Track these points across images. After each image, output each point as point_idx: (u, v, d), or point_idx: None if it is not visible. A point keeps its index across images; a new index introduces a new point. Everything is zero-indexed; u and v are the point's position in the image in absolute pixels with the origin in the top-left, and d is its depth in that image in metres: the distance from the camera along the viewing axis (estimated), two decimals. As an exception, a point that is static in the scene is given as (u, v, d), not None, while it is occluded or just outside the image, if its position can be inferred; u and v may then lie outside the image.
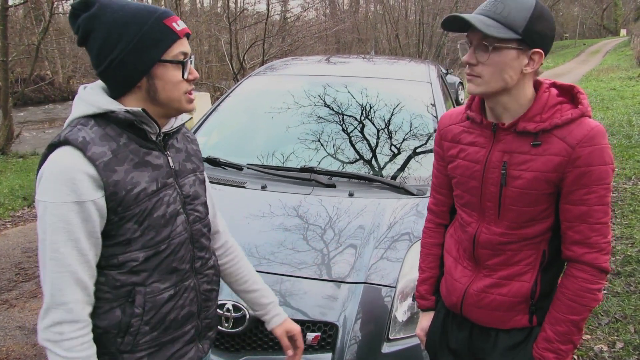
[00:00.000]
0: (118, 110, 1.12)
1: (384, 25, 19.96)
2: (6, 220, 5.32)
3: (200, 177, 1.36)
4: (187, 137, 1.38)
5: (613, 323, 3.11)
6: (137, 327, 1.17)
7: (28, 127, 12.65)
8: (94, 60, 1.15)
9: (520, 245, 1.35)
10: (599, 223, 1.26)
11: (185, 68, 1.18)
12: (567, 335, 1.31)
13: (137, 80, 1.14)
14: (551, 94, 1.30)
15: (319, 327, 1.83)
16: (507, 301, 1.38)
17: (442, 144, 1.51)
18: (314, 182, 2.52)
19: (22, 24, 13.91)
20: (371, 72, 3.69)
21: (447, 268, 1.54)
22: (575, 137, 1.23)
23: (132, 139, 1.16)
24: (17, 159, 8.96)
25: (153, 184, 1.17)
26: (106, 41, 1.11)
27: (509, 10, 1.21)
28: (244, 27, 13.87)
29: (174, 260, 1.23)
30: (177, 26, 1.16)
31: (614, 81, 16.48)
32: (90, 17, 1.12)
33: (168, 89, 1.16)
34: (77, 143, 1.08)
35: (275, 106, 3.16)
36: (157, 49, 1.13)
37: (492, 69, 1.24)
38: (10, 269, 4.04)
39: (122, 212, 1.12)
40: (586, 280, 1.28)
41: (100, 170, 1.08)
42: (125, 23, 1.11)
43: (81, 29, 1.13)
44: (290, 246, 2.10)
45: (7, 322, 3.25)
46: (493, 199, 1.35)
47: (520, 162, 1.29)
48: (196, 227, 1.30)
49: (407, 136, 2.91)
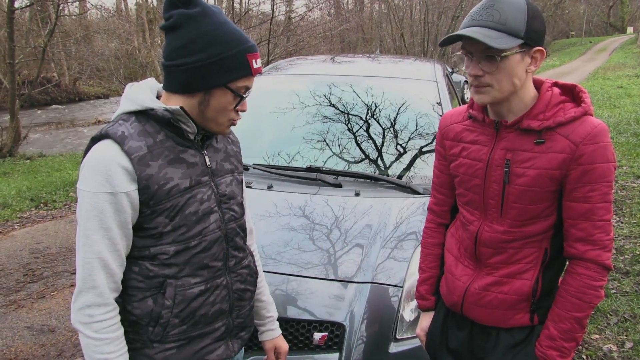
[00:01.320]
0: (157, 108, 1.18)
1: (389, 24, 19.94)
2: (14, 221, 5.35)
3: (238, 177, 1.39)
4: (229, 138, 1.41)
5: (622, 322, 3.09)
6: (167, 318, 1.21)
7: (35, 129, 12.73)
8: (168, 52, 1.19)
9: (522, 243, 1.35)
10: (602, 220, 1.26)
11: (241, 101, 1.23)
12: (570, 333, 1.31)
13: (195, 91, 1.19)
14: (554, 92, 1.31)
15: (326, 327, 1.82)
16: (508, 299, 1.38)
17: (443, 143, 1.51)
18: (320, 182, 2.51)
19: (28, 27, 13.99)
20: (377, 71, 3.67)
21: (448, 267, 1.54)
22: (579, 134, 1.24)
23: (170, 137, 1.21)
24: (24, 160, 9.03)
25: (186, 180, 1.21)
26: (189, 44, 1.15)
27: (506, 16, 1.21)
28: (248, 27, 13.89)
29: (206, 257, 1.26)
30: (256, 64, 1.21)
31: (621, 79, 16.37)
32: (190, 16, 1.15)
33: (217, 111, 1.22)
34: (116, 137, 1.14)
35: (281, 106, 3.16)
36: (228, 76, 1.18)
37: (501, 76, 1.25)
38: (19, 270, 4.06)
39: (154, 205, 1.16)
40: (590, 277, 1.28)
41: (134, 163, 1.13)
42: (215, 38, 1.15)
43: (174, 20, 1.16)
44: (296, 246, 2.10)
45: (16, 323, 3.27)
46: (496, 197, 1.36)
47: (524, 159, 1.30)
48: (231, 226, 1.33)
49: (413, 135, 2.90)
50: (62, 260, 4.26)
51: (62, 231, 4.97)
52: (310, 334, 1.82)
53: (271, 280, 1.93)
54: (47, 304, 3.52)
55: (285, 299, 1.89)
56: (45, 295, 3.65)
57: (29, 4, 11.10)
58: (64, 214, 5.59)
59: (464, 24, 1.28)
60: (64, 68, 19.50)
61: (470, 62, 1.28)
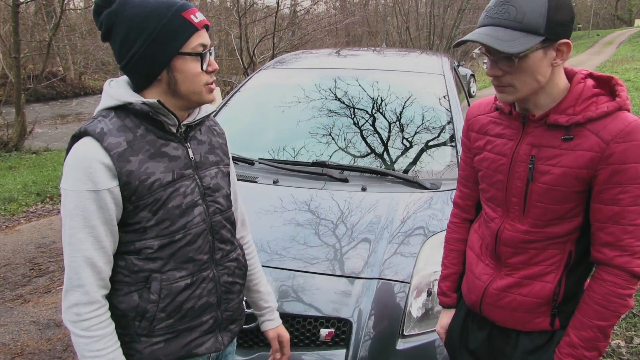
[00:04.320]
0: (135, 102, 1.16)
1: (394, 17, 19.80)
2: (20, 215, 5.37)
3: (224, 170, 1.38)
4: (213, 130, 1.40)
5: (630, 318, 3.06)
6: (153, 313, 1.20)
7: (41, 124, 12.76)
8: (117, 55, 1.19)
9: (545, 244, 1.28)
10: (632, 225, 1.17)
11: (204, 60, 1.19)
12: (592, 342, 1.23)
13: (158, 73, 1.17)
14: (587, 85, 1.22)
15: (333, 324, 1.81)
16: (527, 302, 1.32)
17: (469, 134, 1.45)
18: (326, 177, 2.49)
19: (33, 21, 13.99)
20: (382, 65, 3.64)
21: (469, 265, 1.49)
22: (610, 132, 1.15)
23: (150, 130, 1.19)
24: (30, 154, 9.05)
25: (169, 174, 1.20)
26: (127, 36, 1.14)
27: (523, 12, 1.13)
28: (253, 21, 13.83)
29: (191, 250, 1.24)
30: (196, 18, 1.17)
31: (629, 72, 16.20)
32: (112, 12, 1.15)
33: (187, 81, 1.18)
34: (95, 134, 1.13)
35: (286, 100, 3.14)
36: (176, 42, 1.15)
37: (523, 76, 1.18)
38: (25, 264, 4.07)
39: (136, 201, 1.15)
40: (616, 284, 1.19)
41: (114, 160, 1.12)
42: (144, 17, 1.14)
43: (104, 25, 1.17)
44: (302, 241, 2.08)
45: (22, 317, 3.28)
46: (519, 194, 1.29)
47: (550, 156, 1.22)
48: (216, 219, 1.31)
49: (419, 129, 2.87)
50: (68, 254, 4.27)
51: (68, 225, 4.98)
52: (316, 330, 1.81)
53: (277, 275, 1.92)
54: (53, 298, 3.52)
55: (291, 294, 1.87)
56: (51, 289, 3.65)
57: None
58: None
59: (480, 21, 1.21)
60: (70, 62, 19.52)
61: (489, 61, 1.21)
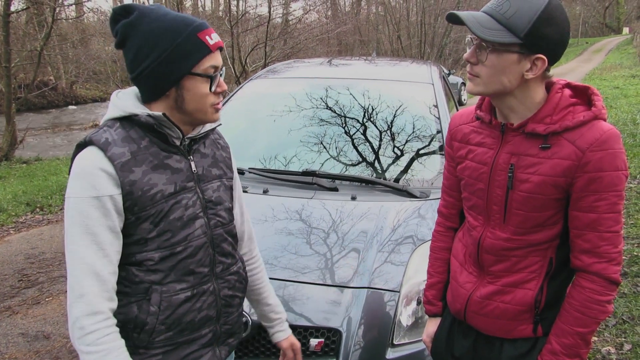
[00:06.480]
0: (141, 114, 1.17)
1: (386, 26, 19.96)
2: (9, 226, 5.32)
3: (227, 183, 1.37)
4: (217, 143, 1.40)
5: (620, 324, 3.07)
6: (152, 325, 1.19)
7: (31, 133, 12.68)
8: (129, 66, 1.19)
9: (526, 252, 1.29)
10: (609, 232, 1.19)
11: (214, 81, 1.20)
12: (573, 349, 1.24)
13: (167, 90, 1.18)
14: (564, 94, 1.24)
15: (323, 333, 1.81)
16: (510, 309, 1.33)
17: (452, 144, 1.46)
18: (316, 186, 2.50)
19: (24, 30, 13.96)
20: (373, 74, 3.66)
21: (453, 273, 1.50)
22: (586, 140, 1.17)
23: (154, 142, 1.20)
24: (20, 164, 8.99)
25: (171, 186, 1.20)
26: (141, 49, 1.15)
27: (514, 10, 1.14)
28: (245, 30, 13.89)
29: (192, 263, 1.24)
30: (211, 40, 1.18)
31: (617, 80, 16.40)
32: (129, 24, 1.16)
33: (195, 101, 1.19)
34: (100, 143, 1.14)
35: (277, 109, 3.14)
36: (188, 62, 1.16)
37: (489, 70, 1.20)
38: (13, 275, 4.03)
39: (139, 212, 1.15)
40: (595, 291, 1.21)
41: (117, 169, 1.12)
42: (160, 34, 1.14)
43: (119, 34, 1.18)
44: (292, 251, 2.08)
45: (10, 329, 3.24)
46: (499, 202, 1.30)
47: (528, 165, 1.24)
48: (217, 232, 1.31)
49: (409, 138, 2.89)
50: (58, 265, 4.23)
51: (58, 236, 4.94)
52: (306, 340, 1.80)
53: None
54: (42, 309, 3.49)
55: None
56: (41, 301, 3.62)
57: (26, 7, 11.07)
58: (60, 219, 5.56)
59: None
60: (61, 71, 19.44)
61: (471, 46, 1.23)
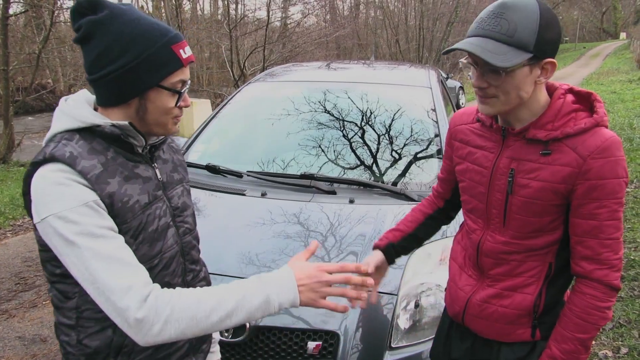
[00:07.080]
0: (104, 125, 1.08)
1: (384, 30, 20.01)
2: (6, 229, 5.31)
3: (187, 187, 1.32)
4: (172, 147, 1.34)
5: (617, 328, 3.08)
6: (131, 346, 1.14)
7: (29, 136, 12.65)
8: (88, 66, 1.09)
9: (525, 256, 1.30)
10: (610, 239, 1.19)
11: (181, 97, 1.13)
12: (573, 354, 1.23)
13: (129, 98, 1.09)
14: (566, 100, 1.23)
15: (320, 336, 1.81)
16: (509, 313, 1.33)
17: (452, 143, 1.47)
18: (314, 189, 2.50)
19: (22, 33, 13.96)
20: (371, 78, 3.68)
21: (452, 275, 1.50)
22: (587, 147, 1.17)
23: (119, 153, 1.12)
24: (17, 167, 8.97)
25: (144, 196, 1.13)
26: (107, 51, 1.05)
27: (515, 26, 1.13)
28: (244, 33, 13.91)
29: (166, 275, 1.18)
30: (184, 54, 1.11)
31: (615, 84, 16.45)
32: (97, 22, 1.05)
33: (157, 113, 1.12)
34: (65, 159, 1.01)
35: (276, 112, 3.15)
36: (158, 74, 1.08)
37: (507, 89, 1.18)
38: (10, 279, 4.02)
39: (120, 224, 1.07)
40: (595, 297, 1.21)
41: (92, 183, 1.03)
42: (132, 39, 1.05)
43: (83, 30, 1.06)
44: (291, 254, 2.07)
45: (7, 333, 3.23)
46: (499, 207, 1.30)
47: (529, 170, 1.24)
48: (186, 240, 1.26)
49: (407, 141, 2.90)
50: (55, 268, 4.22)
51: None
52: (304, 343, 1.80)
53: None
54: (39, 313, 3.48)
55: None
56: (37, 304, 3.61)
57: (24, 10, 11.07)
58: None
59: (470, 31, 1.20)
60: (59, 74, 19.42)
61: (475, 72, 1.20)
